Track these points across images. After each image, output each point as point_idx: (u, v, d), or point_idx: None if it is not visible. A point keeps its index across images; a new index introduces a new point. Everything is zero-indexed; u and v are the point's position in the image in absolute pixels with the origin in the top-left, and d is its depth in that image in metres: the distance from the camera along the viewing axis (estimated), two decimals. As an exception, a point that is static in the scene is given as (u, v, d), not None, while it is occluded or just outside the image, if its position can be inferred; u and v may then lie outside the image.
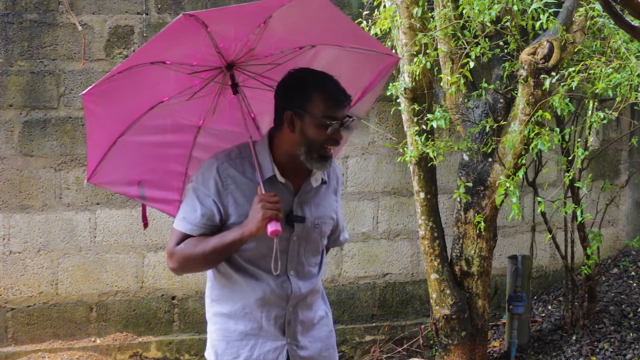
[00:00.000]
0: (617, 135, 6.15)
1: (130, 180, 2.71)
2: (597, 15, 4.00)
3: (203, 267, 2.48)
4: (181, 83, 2.58)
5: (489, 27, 4.23)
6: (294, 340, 2.52)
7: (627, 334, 5.13)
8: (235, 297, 2.49)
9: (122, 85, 2.48)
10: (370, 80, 2.76)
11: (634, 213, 6.41)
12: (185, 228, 2.43)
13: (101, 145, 2.61)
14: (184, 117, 2.69)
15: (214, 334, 2.55)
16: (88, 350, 5.19)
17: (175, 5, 5.36)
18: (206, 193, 2.42)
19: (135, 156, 2.68)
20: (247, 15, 2.41)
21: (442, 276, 4.72)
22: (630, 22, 2.57)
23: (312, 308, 2.58)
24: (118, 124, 2.60)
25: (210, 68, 2.56)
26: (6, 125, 5.13)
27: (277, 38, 2.51)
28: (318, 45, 2.60)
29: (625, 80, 3.85)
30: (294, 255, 2.49)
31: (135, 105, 2.60)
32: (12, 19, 5.11)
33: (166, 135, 2.70)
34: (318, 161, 2.40)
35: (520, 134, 4.23)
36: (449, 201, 5.75)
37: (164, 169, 2.72)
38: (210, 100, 2.67)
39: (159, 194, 2.74)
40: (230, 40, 2.47)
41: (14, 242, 5.17)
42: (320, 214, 2.54)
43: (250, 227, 2.32)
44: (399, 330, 5.74)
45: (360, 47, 2.64)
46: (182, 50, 2.47)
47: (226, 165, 2.45)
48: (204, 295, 5.42)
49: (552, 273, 6.20)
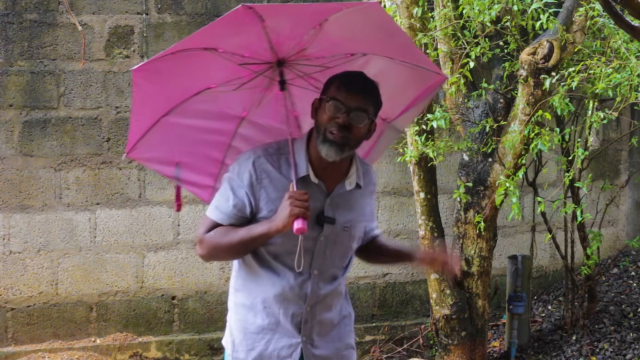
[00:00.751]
0: (617, 135, 6.14)
1: (168, 160, 2.74)
2: (597, 15, 4.00)
3: (229, 256, 2.53)
4: (230, 72, 2.59)
5: (489, 27, 4.23)
6: (309, 339, 2.53)
7: (627, 334, 5.13)
8: (256, 290, 2.52)
9: (172, 65, 2.51)
10: (415, 97, 2.76)
11: (634, 213, 6.41)
12: (216, 216, 2.47)
13: (144, 121, 2.64)
14: (229, 106, 2.71)
15: (234, 323, 2.59)
16: (88, 350, 5.19)
17: (175, 5, 5.36)
18: (240, 184, 2.46)
19: (177, 137, 2.70)
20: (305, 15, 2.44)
21: (442, 276, 4.72)
22: (630, 22, 2.57)
23: (331, 309, 2.58)
24: (163, 103, 2.63)
25: (261, 62, 2.57)
26: (6, 125, 5.13)
27: (330, 42, 2.52)
28: (369, 54, 2.62)
29: (625, 80, 3.85)
30: (319, 255, 2.50)
31: (183, 87, 2.63)
32: (12, 19, 5.11)
33: (209, 122, 2.73)
34: (323, 143, 2.41)
35: (520, 134, 4.23)
36: (449, 201, 5.75)
37: (202, 154, 2.74)
38: (257, 93, 2.68)
39: (194, 177, 2.77)
40: (284, 37, 2.49)
41: (14, 242, 5.17)
42: (351, 218, 2.54)
43: (277, 223, 2.35)
44: (399, 330, 5.73)
45: (411, 61, 2.65)
46: (236, 41, 2.49)
47: (262, 160, 2.47)
48: (203, 295, 5.47)
49: (552, 273, 6.19)
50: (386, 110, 2.75)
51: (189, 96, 2.63)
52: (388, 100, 2.64)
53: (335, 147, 2.41)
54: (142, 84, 2.53)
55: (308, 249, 2.47)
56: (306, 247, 2.45)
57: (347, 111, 2.39)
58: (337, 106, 2.39)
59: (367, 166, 2.67)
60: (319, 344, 2.55)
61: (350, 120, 2.39)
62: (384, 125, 2.82)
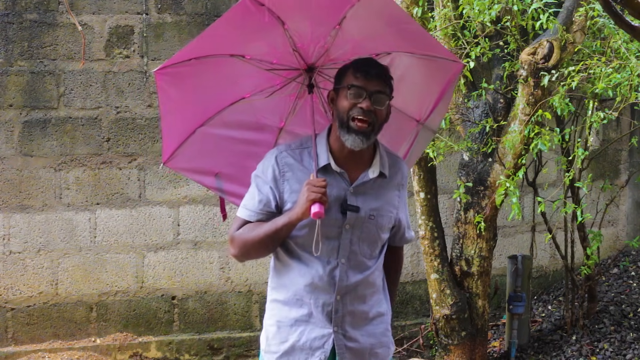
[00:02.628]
0: (617, 135, 6.15)
1: (207, 171, 2.79)
2: (597, 15, 4.00)
3: (259, 251, 2.54)
4: (262, 80, 2.65)
5: (489, 27, 4.23)
6: (341, 329, 2.54)
7: (627, 334, 5.13)
8: (289, 283, 2.55)
9: (199, 71, 2.55)
10: (440, 91, 2.78)
11: (634, 213, 6.41)
12: (244, 214, 2.53)
13: (178, 131, 2.68)
14: (265, 116, 2.76)
15: (269, 320, 2.61)
16: (88, 350, 5.19)
17: (175, 5, 5.36)
18: (264, 180, 2.51)
19: (215, 148, 2.75)
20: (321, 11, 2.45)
21: (442, 276, 4.72)
22: (630, 22, 2.57)
23: (365, 301, 2.58)
24: (198, 113, 2.67)
25: (290, 68, 2.63)
26: (6, 125, 5.13)
27: (353, 43, 2.56)
28: (393, 53, 2.65)
29: (625, 80, 3.85)
30: (346, 243, 2.52)
31: (216, 96, 2.67)
32: (12, 19, 5.11)
33: (248, 132, 2.78)
34: (348, 134, 2.44)
35: (520, 134, 4.23)
36: (449, 201, 5.75)
37: (243, 165, 2.77)
38: (291, 102, 2.74)
39: (236, 189, 2.80)
40: (308, 40, 2.54)
41: (14, 242, 5.17)
42: (377, 206, 2.56)
43: (297, 210, 2.40)
44: (399, 330, 5.73)
45: (429, 53, 2.68)
46: (260, 47, 2.54)
47: (285, 154, 2.53)
48: (203, 295, 5.48)
49: (552, 273, 6.19)
50: (417, 111, 2.80)
51: (225, 106, 2.69)
52: (417, 100, 2.70)
53: (361, 136, 2.44)
54: (167, 89, 2.57)
55: (333, 237, 2.50)
56: (331, 236, 2.49)
57: (369, 95, 2.43)
58: (358, 92, 2.43)
59: (396, 157, 2.67)
60: (352, 336, 2.55)
61: (373, 104, 2.43)
62: (417, 127, 2.84)
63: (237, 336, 5.49)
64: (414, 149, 2.92)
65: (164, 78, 2.53)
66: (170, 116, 2.64)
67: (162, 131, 2.69)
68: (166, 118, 2.65)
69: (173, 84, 2.55)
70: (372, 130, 2.46)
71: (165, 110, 2.63)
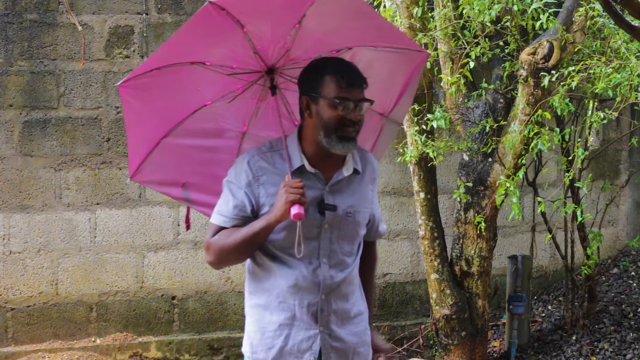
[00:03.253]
0: (617, 135, 6.14)
1: (173, 182, 2.77)
2: (597, 15, 4.00)
3: (237, 256, 2.52)
4: (222, 86, 2.63)
5: (489, 27, 4.23)
6: (327, 329, 2.53)
7: (627, 334, 5.12)
8: (270, 286, 2.52)
9: (161, 82, 2.52)
10: (404, 82, 2.77)
11: (634, 213, 6.41)
12: (219, 220, 2.50)
13: (143, 143, 2.66)
14: (227, 122, 2.74)
15: (250, 326, 2.59)
16: (88, 350, 5.19)
17: (175, 5, 5.36)
18: (238, 186, 2.49)
19: (180, 158, 2.73)
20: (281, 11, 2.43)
21: (442, 276, 4.72)
22: (630, 22, 2.57)
23: (348, 299, 2.58)
24: (161, 124, 2.65)
25: (251, 71, 2.61)
26: (6, 125, 5.14)
27: (313, 40, 2.54)
28: (354, 47, 2.63)
29: (625, 80, 3.85)
30: (326, 243, 2.51)
31: (178, 106, 2.65)
32: (12, 19, 5.11)
33: (211, 140, 2.75)
34: (339, 142, 2.43)
35: (520, 134, 4.23)
36: (449, 201, 5.75)
37: (209, 173, 2.75)
38: (252, 105, 2.72)
39: (204, 197, 2.78)
40: (268, 41, 2.51)
41: (14, 242, 5.17)
42: (353, 203, 2.56)
43: (275, 213, 2.38)
44: (399, 330, 5.73)
45: (393, 45, 2.66)
46: (221, 52, 2.51)
47: (257, 158, 2.51)
48: (203, 295, 5.47)
49: (552, 273, 6.19)
50: (381, 104, 2.78)
51: (186, 115, 2.66)
52: (381, 93, 2.66)
53: (353, 142, 2.45)
54: (131, 101, 2.54)
55: (313, 238, 2.49)
56: (311, 236, 2.48)
57: (355, 106, 2.44)
58: (347, 105, 2.42)
59: (365, 152, 2.68)
60: (337, 335, 2.55)
61: (359, 112, 2.45)
62: (382, 120, 2.83)
63: (237, 336, 5.48)
64: (379, 143, 2.91)
65: (127, 91, 2.50)
66: (135, 129, 2.61)
67: (128, 145, 2.67)
68: (131, 131, 2.62)
69: (137, 96, 2.52)
70: (358, 134, 2.47)
71: (130, 124, 2.60)
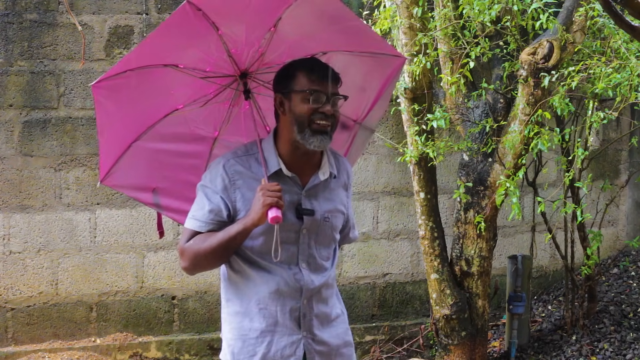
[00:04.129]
0: (617, 135, 6.15)
1: (144, 187, 2.73)
2: (597, 15, 4.00)
3: (212, 262, 2.48)
4: (195, 90, 2.60)
5: (489, 27, 4.23)
6: (310, 333, 2.52)
7: (627, 334, 5.12)
8: (249, 292, 2.49)
9: (134, 83, 2.48)
10: (379, 89, 2.75)
11: (634, 213, 6.41)
12: (194, 225, 2.46)
13: (114, 146, 2.62)
14: (199, 127, 2.71)
15: (229, 333, 2.54)
16: (88, 350, 5.19)
17: (175, 5, 5.36)
18: (214, 190, 2.45)
19: (150, 163, 2.69)
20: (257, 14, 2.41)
21: (442, 276, 4.72)
22: (630, 22, 2.57)
23: (327, 303, 2.58)
24: (132, 127, 2.61)
25: (224, 75, 2.58)
26: (6, 125, 5.13)
27: (288, 44, 2.52)
28: (329, 52, 2.61)
29: (625, 80, 3.85)
30: (304, 248, 2.50)
31: (150, 109, 2.61)
32: (12, 19, 5.11)
33: (182, 145, 2.71)
34: (312, 136, 2.41)
35: (520, 134, 4.23)
36: (449, 201, 5.75)
37: (179, 179, 2.72)
38: (225, 110, 2.69)
39: (174, 203, 2.75)
40: (242, 45, 2.49)
41: (14, 242, 5.17)
42: (330, 208, 2.55)
43: (253, 216, 2.35)
44: (399, 330, 5.73)
45: (369, 50, 2.63)
46: (195, 54, 2.48)
47: (232, 162, 2.47)
48: (203, 295, 5.47)
49: (552, 273, 6.19)
50: (355, 111, 2.76)
51: (158, 119, 2.62)
52: (354, 100, 2.63)
53: (327, 136, 2.42)
54: (104, 102, 2.49)
55: (292, 243, 2.48)
56: (290, 241, 2.46)
57: (328, 99, 2.42)
58: (319, 97, 2.40)
59: (340, 157, 2.67)
60: (320, 339, 2.54)
61: (332, 107, 2.42)
62: (355, 127, 2.80)
63: (237, 336, 5.48)
64: (352, 149, 2.88)
65: (100, 92, 2.46)
66: (107, 131, 2.57)
67: (99, 147, 2.62)
68: (103, 133, 2.58)
69: (109, 97, 2.48)
70: (332, 130, 2.44)
71: (102, 125, 2.55)
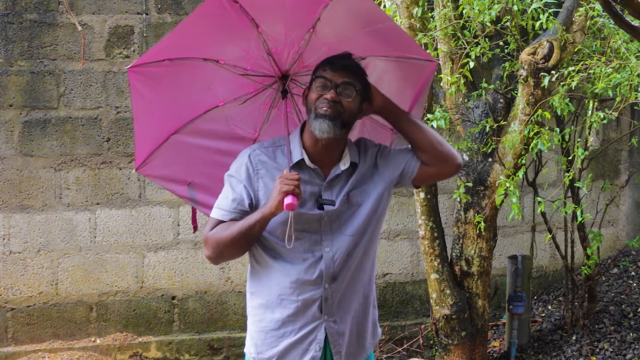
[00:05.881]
0: (617, 135, 6.15)
1: (180, 180, 2.75)
2: (597, 15, 4.00)
3: (233, 251, 2.49)
4: (236, 89, 2.63)
5: (489, 27, 4.23)
6: (331, 317, 2.53)
7: (627, 334, 5.13)
8: (271, 284, 2.52)
9: (172, 73, 2.50)
10: (414, 95, 2.76)
11: (634, 213, 6.41)
12: (217, 214, 2.50)
13: (151, 136, 2.64)
14: (239, 126, 2.73)
15: (253, 326, 2.58)
16: (88, 350, 5.20)
17: (175, 5, 5.36)
18: (238, 179, 2.49)
19: (189, 158, 2.72)
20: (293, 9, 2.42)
21: (442, 276, 4.72)
22: (630, 22, 2.57)
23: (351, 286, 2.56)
24: (171, 118, 2.64)
25: (264, 75, 2.61)
26: (6, 125, 5.14)
27: (327, 47, 2.54)
28: (368, 57, 2.63)
29: (625, 80, 3.85)
30: (326, 233, 2.51)
31: (190, 103, 2.63)
32: (12, 19, 5.11)
33: (222, 143, 2.73)
34: (314, 120, 2.43)
35: (520, 134, 4.23)
36: (449, 201, 5.75)
37: (216, 176, 2.71)
38: (265, 111, 2.72)
39: (209, 199, 2.74)
40: (282, 44, 2.51)
41: (14, 242, 5.17)
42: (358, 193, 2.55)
43: (270, 204, 2.38)
44: (399, 330, 5.73)
45: (404, 55, 2.65)
46: (235, 51, 2.51)
47: (258, 152, 2.52)
48: (203, 295, 5.47)
49: (552, 273, 6.19)
50: None
51: (198, 114, 2.65)
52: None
53: (327, 121, 2.42)
54: (140, 88, 2.51)
55: (314, 231, 2.49)
56: (312, 230, 2.48)
57: (335, 87, 2.43)
58: (324, 83, 2.43)
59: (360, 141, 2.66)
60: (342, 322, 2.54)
61: (339, 95, 2.43)
62: (392, 135, 2.82)
63: (237, 336, 5.48)
64: None
65: (137, 77, 2.48)
66: (143, 118, 2.59)
67: (134, 133, 2.64)
68: (139, 120, 2.59)
69: (147, 84, 2.50)
70: (339, 118, 2.43)
71: (138, 111, 2.56)
